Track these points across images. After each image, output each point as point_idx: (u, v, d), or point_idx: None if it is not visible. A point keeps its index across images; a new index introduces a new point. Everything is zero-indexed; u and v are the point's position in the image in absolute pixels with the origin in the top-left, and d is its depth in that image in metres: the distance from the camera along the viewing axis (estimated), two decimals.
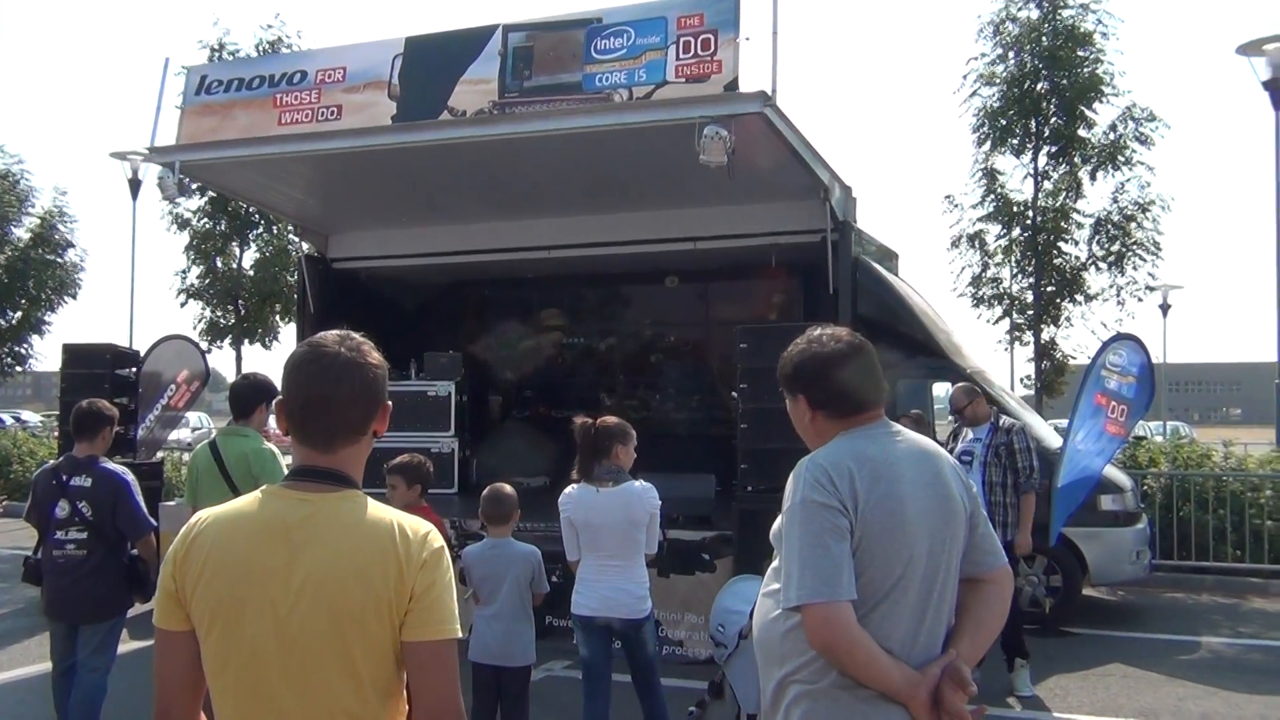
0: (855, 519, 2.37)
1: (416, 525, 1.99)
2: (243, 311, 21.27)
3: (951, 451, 7.72)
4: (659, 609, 5.83)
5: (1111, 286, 17.63)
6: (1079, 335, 18.09)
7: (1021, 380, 19.05)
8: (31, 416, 38.03)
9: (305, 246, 12.69)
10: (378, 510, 1.99)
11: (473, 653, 5.12)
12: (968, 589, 2.54)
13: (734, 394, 8.17)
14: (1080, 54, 17.29)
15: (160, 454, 13.21)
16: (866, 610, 2.36)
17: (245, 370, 12.11)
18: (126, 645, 5.59)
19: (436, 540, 1.99)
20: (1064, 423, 9.59)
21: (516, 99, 8.42)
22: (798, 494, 2.45)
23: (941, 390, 11.82)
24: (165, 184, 9.28)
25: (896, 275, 11.17)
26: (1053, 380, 18.36)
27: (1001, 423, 7.51)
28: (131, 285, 21.00)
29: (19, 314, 22.62)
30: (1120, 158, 17.24)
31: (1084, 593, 9.68)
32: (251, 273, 21.32)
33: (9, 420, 30.75)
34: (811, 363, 2.67)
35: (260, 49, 20.17)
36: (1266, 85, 14.37)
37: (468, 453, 11.86)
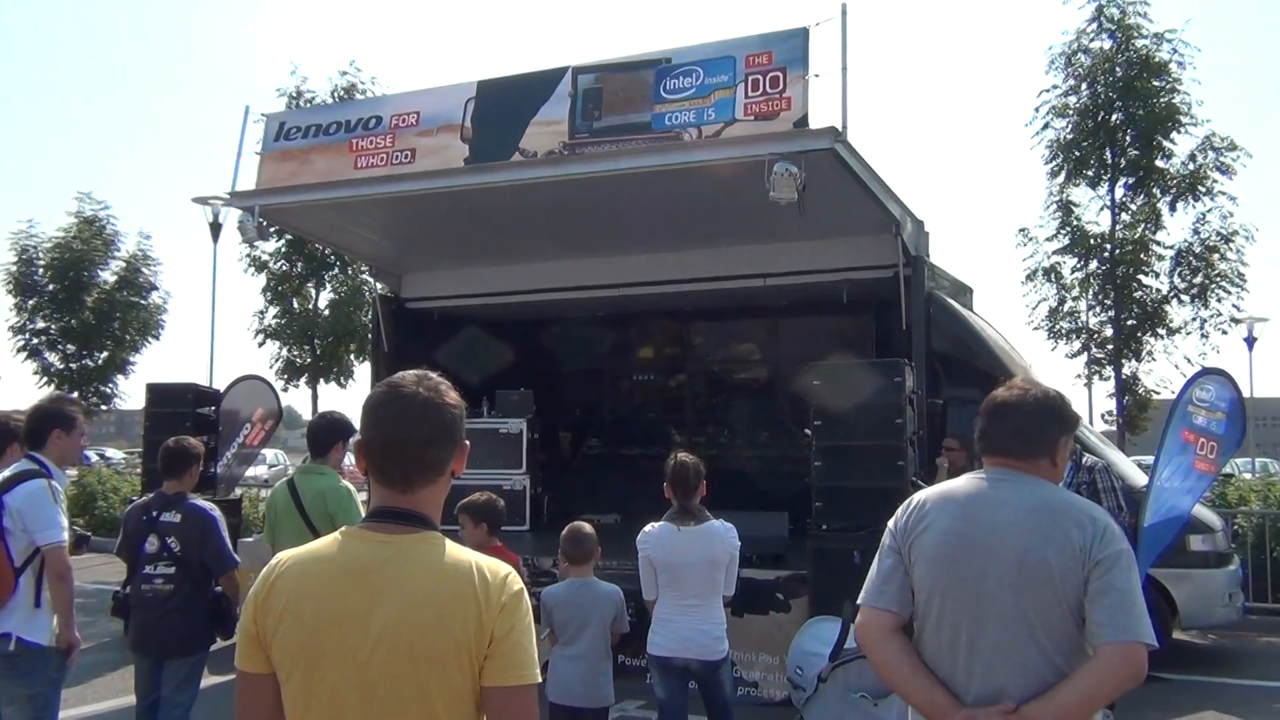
0: (903, 545, 2.71)
1: (496, 567, 1.97)
2: (318, 351, 21.64)
3: None
4: (733, 649, 5.75)
5: (1195, 319, 17.21)
6: (1161, 369, 17.66)
7: (1102, 416, 18.59)
8: (115, 453, 39.00)
9: (379, 287, 12.90)
10: (456, 552, 1.98)
11: (552, 693, 5.08)
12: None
13: (807, 431, 8.07)
14: (1155, 84, 17.00)
15: (238, 490, 13.44)
16: (918, 629, 2.67)
17: (322, 408, 12.30)
18: (207, 680, 5.65)
19: (516, 583, 1.97)
20: (1149, 460, 9.32)
21: (586, 139, 8.48)
22: None
23: None
24: (245, 227, 9.52)
25: (971, 310, 10.99)
26: (1135, 416, 17.90)
27: (1084, 461, 7.31)
28: (212, 326, 21.47)
29: (105, 354, 23.23)
30: (1200, 188, 16.87)
31: (1174, 636, 9.34)
32: (327, 313, 21.70)
33: (94, 457, 31.54)
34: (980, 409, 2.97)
35: (336, 95, 20.64)
36: None
37: (539, 490, 11.89)
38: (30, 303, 22.56)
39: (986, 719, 2.46)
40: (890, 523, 2.78)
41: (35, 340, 22.67)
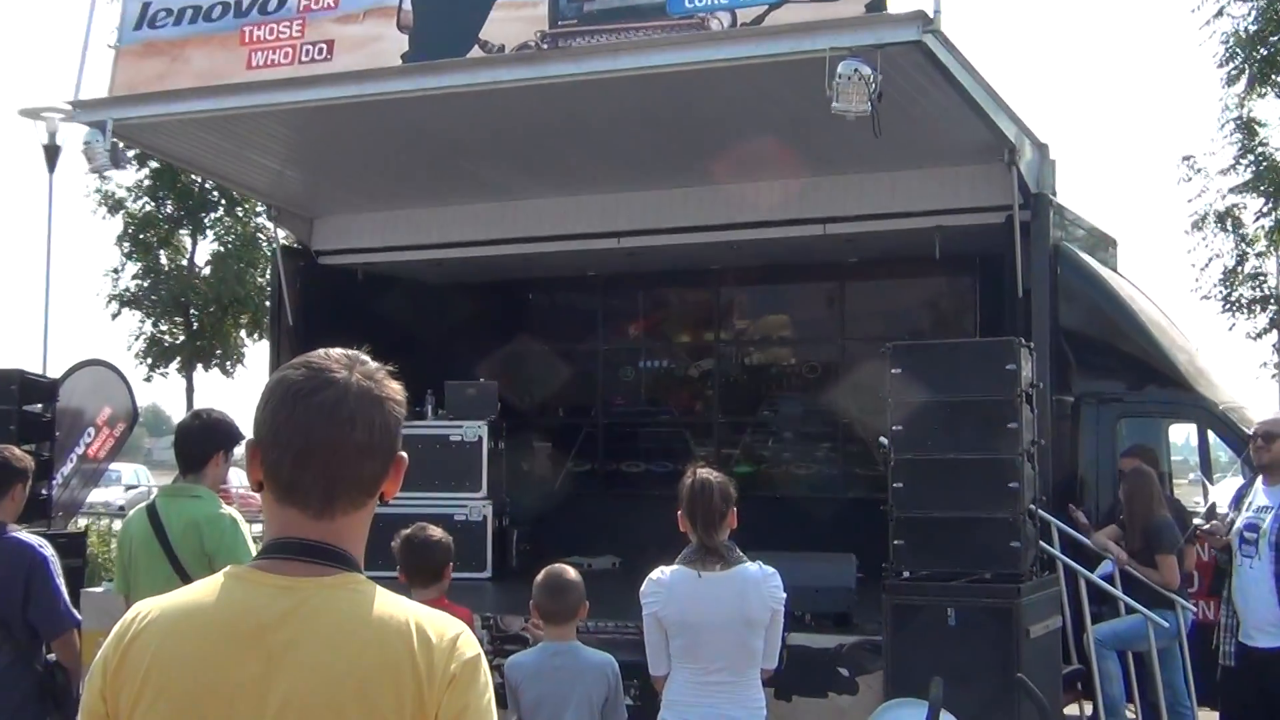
0: None
1: (442, 626, 1.96)
2: (195, 325, 21.66)
3: (1231, 525, 7.55)
4: None
5: None
6: None
7: None
8: None
9: (281, 235, 12.90)
10: (389, 604, 1.96)
11: None
12: None
13: (882, 440, 8.07)
14: None
15: (82, 521, 13.47)
16: None
17: (198, 405, 12.30)
18: None
19: (469, 646, 1.96)
20: None
21: (574, 28, 8.45)
22: None
23: (1182, 435, 11.54)
24: (93, 150, 9.49)
25: (1115, 270, 10.97)
26: None
27: None
28: (46, 289, 21.41)
29: None
30: None
31: None
32: (207, 271, 21.72)
33: None
34: None
35: None
36: None
37: (505, 521, 11.89)
38: None
39: None
40: None
41: None
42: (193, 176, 19.53)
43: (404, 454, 2.08)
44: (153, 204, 21.47)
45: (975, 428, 7.48)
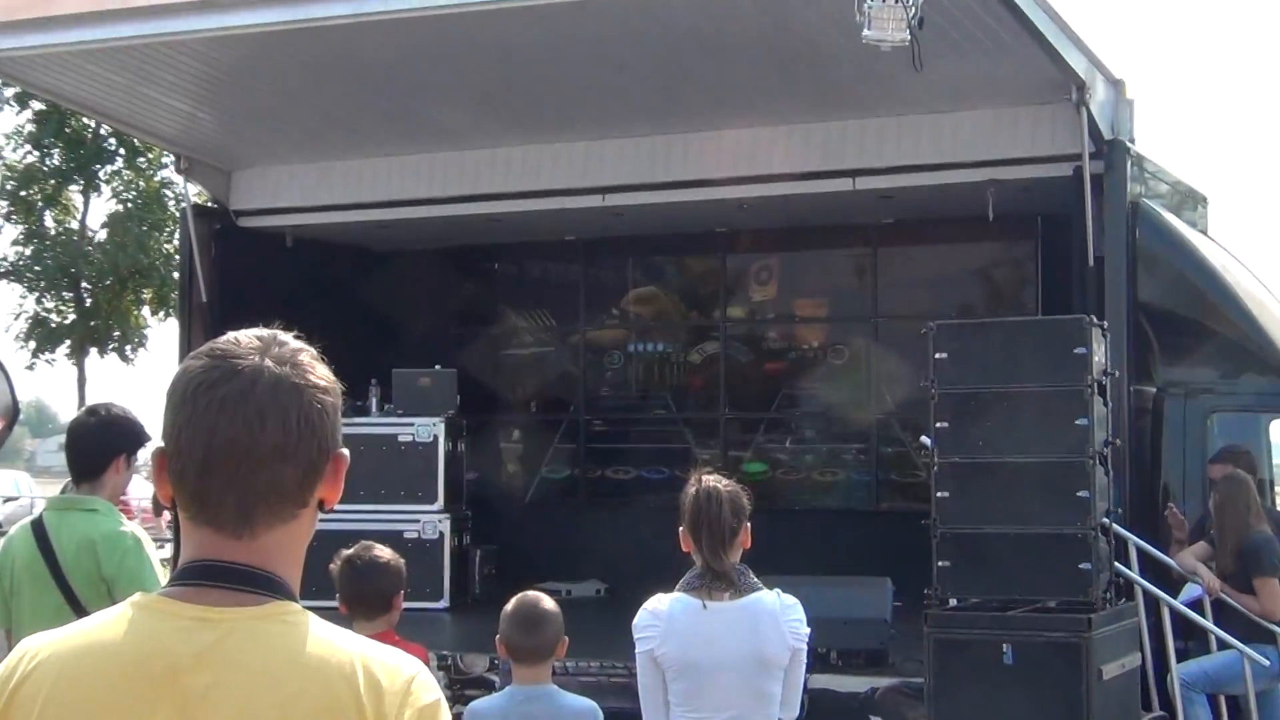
0: None
1: (394, 666, 1.95)
2: (88, 301, 21.58)
3: None
4: None
5: None
6: None
7: None
8: None
9: (193, 192, 12.86)
10: (329, 639, 1.96)
11: None
12: None
13: (924, 440, 8.09)
14: None
15: None
16: None
17: (94, 400, 12.26)
18: None
19: (426, 691, 1.95)
20: None
21: None
22: None
23: None
24: None
25: (1205, 233, 10.98)
26: None
27: None
28: None
29: None
30: None
31: None
32: (102, 236, 21.64)
33: None
34: None
35: None
36: None
37: (466, 540, 11.91)
38: None
39: None
40: None
41: None
42: (85, 121, 19.45)
43: (344, 450, 2.07)
44: (36, 154, 21.40)
45: (1037, 424, 7.49)
